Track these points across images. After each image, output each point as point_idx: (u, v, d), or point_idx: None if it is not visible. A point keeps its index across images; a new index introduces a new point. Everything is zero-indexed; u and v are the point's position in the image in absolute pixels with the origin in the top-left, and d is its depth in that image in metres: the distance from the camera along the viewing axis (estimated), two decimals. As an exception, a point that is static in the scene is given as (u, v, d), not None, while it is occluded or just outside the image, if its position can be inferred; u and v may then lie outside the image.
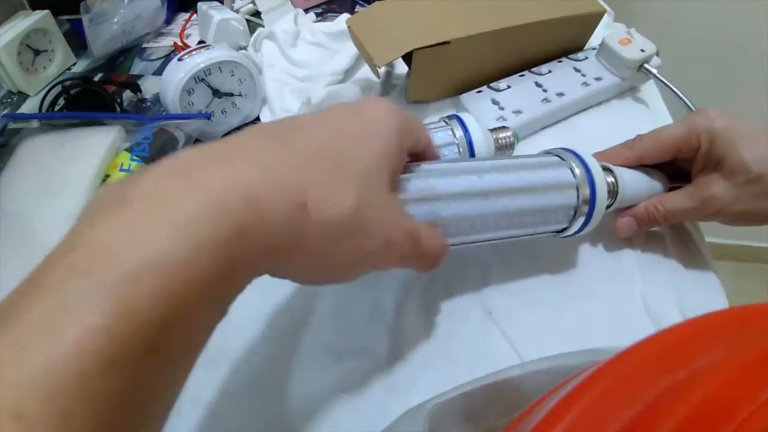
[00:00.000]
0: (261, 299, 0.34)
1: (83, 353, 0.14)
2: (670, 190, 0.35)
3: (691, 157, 0.33)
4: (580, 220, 0.31)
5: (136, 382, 0.15)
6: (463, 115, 0.37)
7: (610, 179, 0.33)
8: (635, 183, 0.34)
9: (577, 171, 0.30)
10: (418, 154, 0.28)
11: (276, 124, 0.22)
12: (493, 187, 0.28)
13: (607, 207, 0.33)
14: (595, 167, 0.31)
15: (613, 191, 0.33)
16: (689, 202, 0.33)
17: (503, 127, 0.39)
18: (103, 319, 0.14)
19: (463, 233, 0.28)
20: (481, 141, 0.36)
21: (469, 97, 0.46)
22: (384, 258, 0.24)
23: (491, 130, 0.39)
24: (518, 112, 0.43)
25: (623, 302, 0.34)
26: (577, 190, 0.30)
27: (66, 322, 0.14)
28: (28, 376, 0.13)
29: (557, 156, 0.32)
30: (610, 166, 0.33)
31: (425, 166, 0.28)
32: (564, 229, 0.32)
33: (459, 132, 0.36)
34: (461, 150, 0.36)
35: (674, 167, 0.35)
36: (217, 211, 0.17)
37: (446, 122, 0.37)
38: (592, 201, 0.30)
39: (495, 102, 0.44)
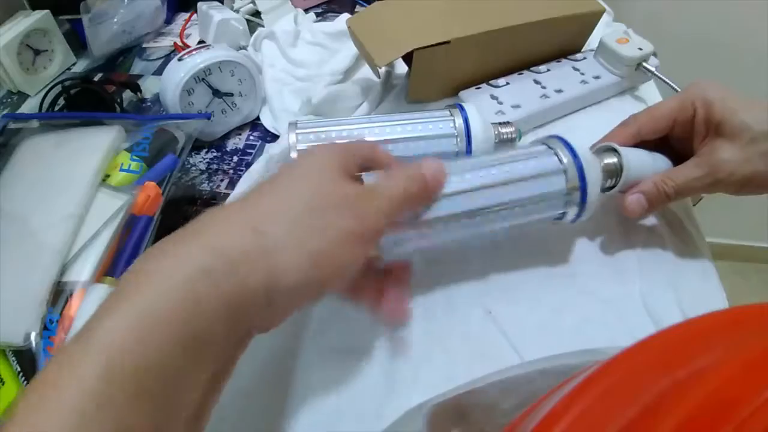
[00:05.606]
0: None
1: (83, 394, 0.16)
2: None
3: (687, 130, 0.34)
4: (575, 204, 0.31)
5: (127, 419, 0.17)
6: (466, 106, 0.38)
7: (613, 159, 0.33)
8: (640, 160, 0.34)
9: (565, 160, 0.30)
10: (371, 162, 0.28)
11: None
12: (475, 185, 0.28)
13: (612, 187, 0.33)
14: (582, 149, 0.31)
15: (616, 170, 0.33)
16: (698, 171, 0.32)
17: (507, 123, 0.39)
18: (96, 371, 0.17)
19: (452, 230, 0.29)
20: (480, 134, 0.37)
21: (468, 93, 0.46)
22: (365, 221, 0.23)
23: (495, 124, 0.39)
24: (517, 106, 0.43)
25: (623, 302, 0.34)
26: (566, 175, 0.30)
27: (69, 379, 0.17)
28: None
29: (545, 144, 0.32)
30: (614, 145, 0.33)
31: None
32: (564, 215, 0.32)
33: (459, 121, 0.37)
34: (459, 140, 0.37)
35: (673, 153, 0.35)
36: (180, 265, 0.19)
37: (450, 111, 0.38)
38: (582, 183, 0.30)
39: (494, 97, 0.45)
